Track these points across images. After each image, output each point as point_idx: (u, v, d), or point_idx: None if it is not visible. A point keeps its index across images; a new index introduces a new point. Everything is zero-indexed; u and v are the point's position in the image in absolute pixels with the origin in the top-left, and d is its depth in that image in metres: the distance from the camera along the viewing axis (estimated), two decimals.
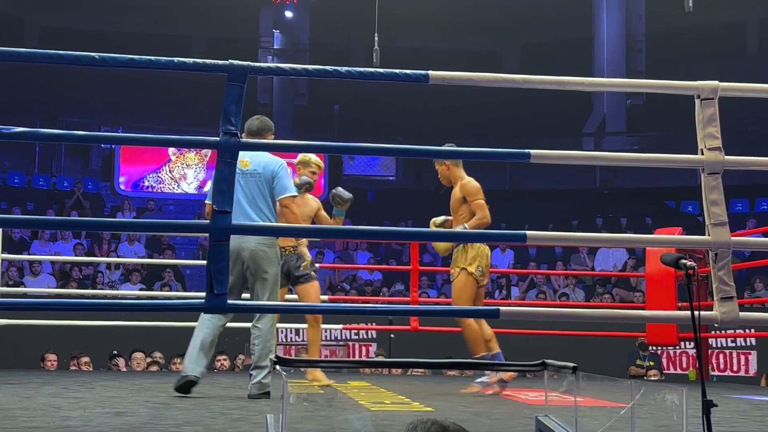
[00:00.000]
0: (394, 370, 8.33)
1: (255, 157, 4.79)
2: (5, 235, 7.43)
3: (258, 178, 4.76)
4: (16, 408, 3.92)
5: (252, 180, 4.75)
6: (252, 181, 4.75)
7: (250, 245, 4.63)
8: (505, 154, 3.41)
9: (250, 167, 4.76)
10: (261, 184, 4.76)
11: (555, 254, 13.71)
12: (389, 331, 8.82)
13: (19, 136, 3.07)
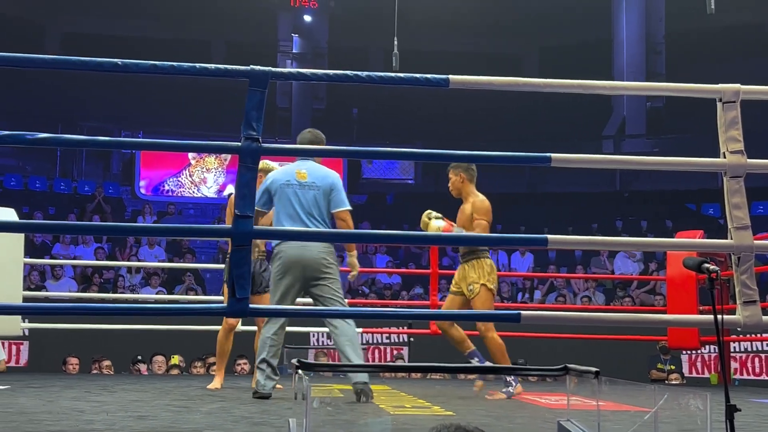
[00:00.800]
0: (414, 373, 8.32)
1: (312, 170, 4.95)
2: (27, 239, 7.48)
3: (316, 190, 4.89)
4: (40, 412, 3.95)
5: (310, 192, 4.88)
6: (310, 193, 4.87)
7: (313, 254, 4.78)
8: (526, 158, 3.41)
9: (308, 179, 4.90)
10: (319, 196, 4.88)
11: (575, 257, 13.67)
12: (409, 334, 8.83)
13: (43, 142, 3.09)
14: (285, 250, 4.80)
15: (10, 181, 15.95)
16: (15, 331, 7.30)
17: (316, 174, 4.95)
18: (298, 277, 4.81)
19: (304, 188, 4.88)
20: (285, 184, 4.91)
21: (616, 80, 17.20)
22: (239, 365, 8.16)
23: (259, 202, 4.82)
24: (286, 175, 4.96)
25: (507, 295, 12.33)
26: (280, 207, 4.89)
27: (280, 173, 5.01)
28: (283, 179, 4.94)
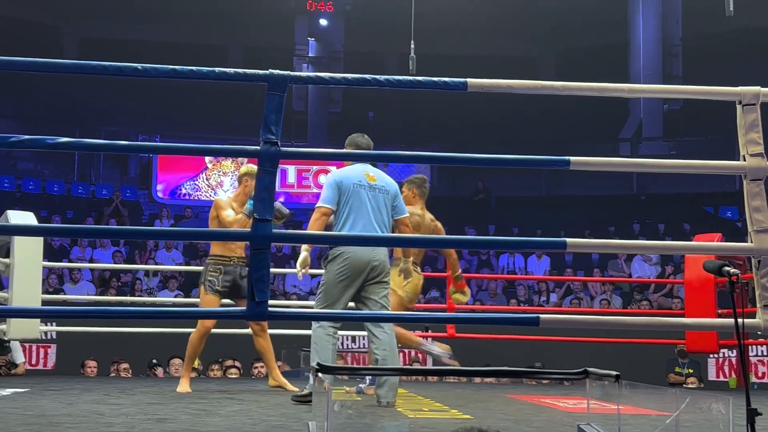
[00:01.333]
0: (430, 377, 8.31)
1: (379, 174, 4.96)
2: (45, 242, 7.53)
3: (385, 194, 4.88)
4: (60, 414, 3.98)
5: (380, 195, 4.87)
6: (380, 197, 4.86)
7: (381, 257, 4.76)
8: (545, 162, 3.40)
9: (377, 183, 4.89)
10: (387, 200, 4.88)
11: (592, 261, 13.63)
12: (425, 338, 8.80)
13: (62, 146, 3.12)
14: (353, 251, 4.68)
15: (28, 184, 16.06)
16: (33, 334, 7.34)
17: (384, 179, 4.95)
18: (360, 279, 4.71)
19: (375, 191, 4.86)
20: (357, 184, 4.83)
21: (633, 83, 17.16)
22: (256, 368, 8.17)
23: (330, 201, 4.80)
24: (356, 176, 4.88)
25: (524, 299, 12.30)
26: (349, 207, 4.80)
27: (349, 172, 4.90)
28: (354, 179, 4.85)
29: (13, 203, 13.12)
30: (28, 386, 5.68)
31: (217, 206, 5.80)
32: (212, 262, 5.74)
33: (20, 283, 6.83)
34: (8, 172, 16.57)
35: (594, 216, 15.30)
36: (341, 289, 4.71)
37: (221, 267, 5.71)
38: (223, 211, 5.71)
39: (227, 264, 5.73)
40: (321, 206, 4.82)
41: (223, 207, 5.76)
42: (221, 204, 5.80)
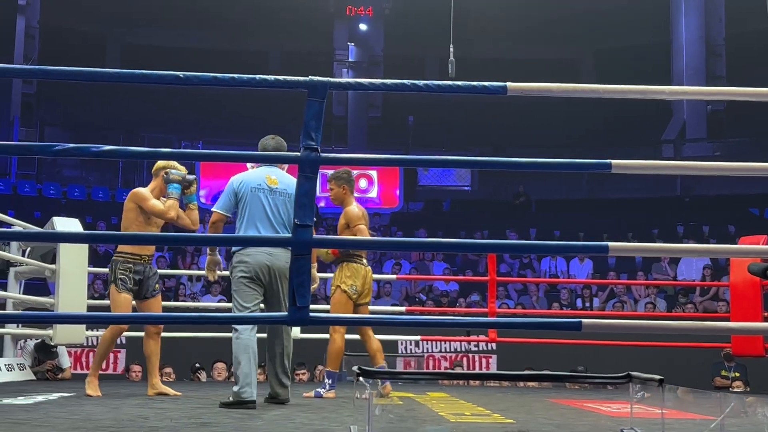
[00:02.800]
0: (472, 381, 8.29)
1: (281, 176, 5.00)
2: (90, 248, 7.64)
3: (286, 197, 4.91)
4: (105, 418, 4.02)
5: (280, 198, 4.92)
6: (280, 199, 4.91)
7: (281, 262, 4.78)
8: (586, 165, 3.38)
9: (279, 186, 4.93)
10: (289, 202, 4.89)
11: (635, 263, 13.50)
12: (459, 342, 8.83)
13: (108, 154, 3.16)
14: (252, 255, 4.78)
15: (73, 191, 16.31)
16: (79, 340, 7.46)
17: (286, 181, 4.97)
18: (264, 283, 4.81)
19: (275, 194, 4.90)
20: (256, 188, 4.89)
21: (676, 83, 17.00)
22: (297, 375, 8.21)
23: (223, 207, 4.90)
24: (256, 180, 4.93)
25: (566, 302, 12.22)
26: (248, 211, 4.85)
27: (249, 177, 4.96)
28: (253, 183, 4.91)
29: (59, 210, 13.35)
30: (74, 390, 5.76)
31: (140, 197, 5.58)
32: (121, 260, 5.59)
33: (66, 289, 6.95)
34: (54, 180, 16.85)
35: (637, 219, 15.15)
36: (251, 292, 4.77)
37: (131, 266, 5.58)
38: (150, 201, 5.55)
39: (137, 262, 5.61)
40: (214, 211, 4.96)
41: (147, 198, 5.57)
42: (144, 195, 5.59)
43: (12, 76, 14.61)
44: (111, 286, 5.59)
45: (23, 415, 4.07)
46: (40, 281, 9.46)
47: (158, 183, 5.67)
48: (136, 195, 5.61)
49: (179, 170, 5.67)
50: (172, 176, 5.61)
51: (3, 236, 6.50)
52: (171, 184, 5.60)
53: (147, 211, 5.55)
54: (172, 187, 5.59)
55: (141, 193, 5.62)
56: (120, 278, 5.54)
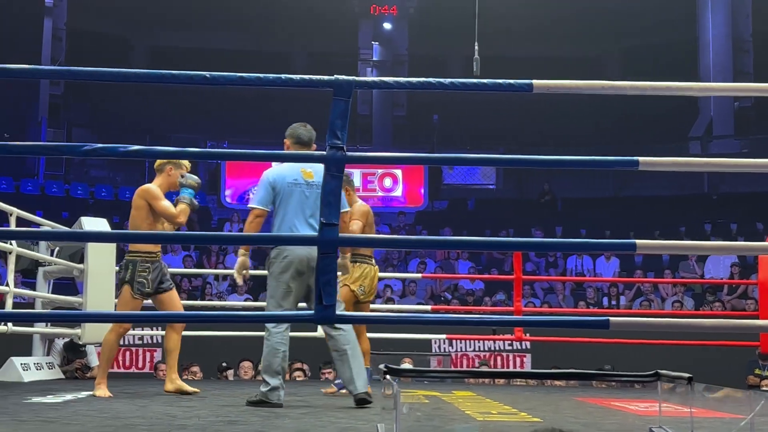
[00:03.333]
0: (498, 380, 8.27)
1: (317, 169, 4.79)
2: (118, 248, 7.69)
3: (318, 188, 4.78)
4: (134, 417, 4.06)
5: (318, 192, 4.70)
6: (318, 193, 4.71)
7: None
8: (613, 162, 3.36)
9: (314, 179, 4.80)
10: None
11: (662, 262, 13.41)
12: (493, 340, 8.80)
13: (135, 153, 3.19)
14: (292, 249, 4.66)
15: (101, 191, 16.44)
16: None
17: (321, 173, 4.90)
18: (305, 279, 4.70)
19: (312, 188, 4.78)
20: (292, 182, 4.79)
21: (703, 80, 16.86)
22: (324, 374, 8.22)
23: (262, 202, 4.76)
24: (291, 173, 4.82)
25: (592, 301, 12.16)
26: (284, 206, 4.76)
27: (284, 170, 4.84)
28: (289, 177, 4.80)
29: (87, 210, 13.47)
30: None
31: (152, 195, 5.37)
32: (140, 260, 5.37)
33: (94, 288, 7.02)
34: (82, 180, 17.00)
35: (664, 216, 15.05)
36: (286, 289, 4.71)
37: (149, 265, 5.39)
38: (162, 201, 5.37)
39: (154, 261, 5.43)
40: (254, 208, 4.81)
41: (159, 197, 5.38)
42: (156, 194, 5.39)
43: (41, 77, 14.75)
44: (125, 287, 5.37)
45: (53, 414, 4.11)
46: (68, 281, 9.55)
47: (164, 179, 5.48)
48: (147, 192, 5.40)
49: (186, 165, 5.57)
50: (189, 181, 5.47)
51: (32, 236, 6.56)
52: (186, 189, 5.45)
53: (156, 210, 5.37)
54: (186, 192, 5.44)
55: (152, 191, 5.40)
56: (138, 281, 5.35)
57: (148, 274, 5.37)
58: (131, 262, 5.38)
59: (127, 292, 5.36)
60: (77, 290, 9.69)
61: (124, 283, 5.37)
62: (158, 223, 5.42)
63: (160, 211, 5.36)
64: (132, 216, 5.43)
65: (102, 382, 5.36)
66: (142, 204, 5.36)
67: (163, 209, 5.35)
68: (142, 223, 5.37)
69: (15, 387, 5.95)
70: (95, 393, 5.27)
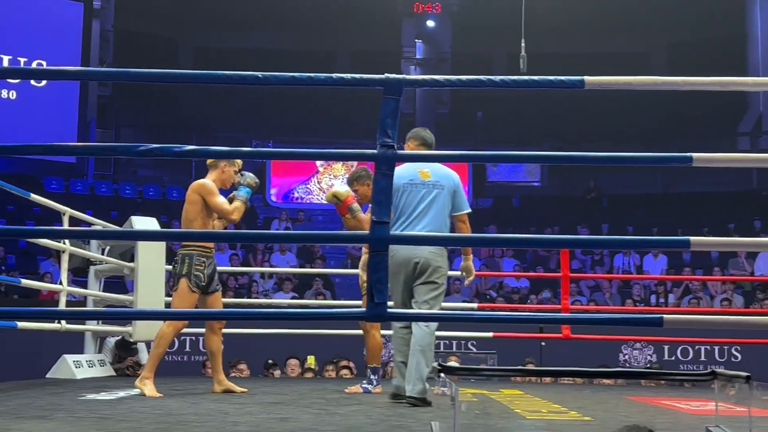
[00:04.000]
0: (545, 378, 8.22)
1: (435, 168, 4.87)
2: (168, 247, 7.78)
3: (440, 189, 4.81)
4: (187, 413, 4.11)
5: (435, 191, 4.80)
6: (435, 192, 4.80)
7: (425, 254, 4.70)
8: (666, 158, 3.32)
9: (431, 178, 4.82)
10: (444, 196, 4.81)
11: (711, 259, 13.25)
12: (540, 339, 8.72)
13: (189, 153, 3.23)
14: (396, 250, 4.63)
15: (148, 191, 16.64)
16: None
17: (439, 173, 4.85)
18: (408, 277, 4.72)
19: (428, 187, 4.79)
20: (409, 183, 4.79)
21: (751, 75, 16.60)
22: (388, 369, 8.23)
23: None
24: (408, 174, 4.82)
25: (640, 299, 12.04)
26: (401, 206, 4.76)
27: (401, 171, 4.81)
28: (406, 178, 4.80)
29: (135, 209, 13.64)
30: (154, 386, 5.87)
31: (208, 191, 5.32)
32: (196, 254, 5.31)
33: (144, 286, 7.11)
34: (130, 179, 17.22)
35: (712, 213, 14.86)
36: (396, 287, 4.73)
37: (204, 260, 5.34)
38: (217, 197, 5.32)
39: (209, 256, 5.39)
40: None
41: (215, 192, 5.32)
42: (212, 189, 5.33)
43: (95, 79, 14.96)
44: (182, 280, 5.29)
45: (108, 410, 4.18)
46: (118, 279, 9.68)
47: (218, 176, 5.44)
48: (202, 187, 5.34)
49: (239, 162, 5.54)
50: (248, 180, 5.46)
51: (85, 235, 6.66)
52: (243, 187, 5.43)
53: (210, 206, 5.33)
54: (244, 190, 5.41)
55: (208, 186, 5.35)
56: (195, 274, 5.28)
57: (204, 268, 5.32)
58: (187, 255, 5.32)
59: (184, 285, 5.29)
60: (127, 289, 9.83)
61: (181, 276, 5.30)
62: (210, 219, 5.40)
63: (215, 207, 5.33)
64: (185, 210, 5.39)
65: (149, 377, 5.26)
66: (197, 199, 5.31)
67: (218, 205, 5.31)
68: (195, 218, 5.33)
69: (68, 384, 6.06)
70: (143, 390, 5.17)
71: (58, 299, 6.61)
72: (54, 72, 2.82)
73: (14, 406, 4.27)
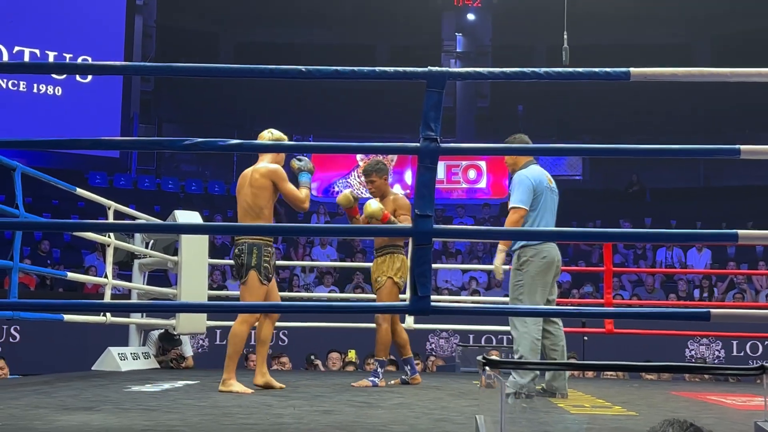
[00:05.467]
0: (588, 372, 8.17)
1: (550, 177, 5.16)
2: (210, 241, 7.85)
3: (556, 195, 5.12)
4: (231, 405, 4.14)
5: (555, 197, 5.08)
6: (556, 199, 5.08)
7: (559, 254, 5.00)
8: (714, 151, 3.28)
9: (553, 185, 5.10)
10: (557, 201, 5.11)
11: (756, 253, 13.06)
12: (582, 333, 8.66)
13: (234, 147, 3.26)
14: (549, 249, 4.89)
15: (191, 185, 16.79)
16: (201, 329, 7.69)
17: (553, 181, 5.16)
18: (554, 276, 4.96)
19: (553, 193, 5.06)
20: (546, 187, 5.01)
21: None
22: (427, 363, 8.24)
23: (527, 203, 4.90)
24: (542, 178, 5.02)
25: (683, 294, 11.91)
26: (540, 207, 4.94)
27: (537, 175, 5.01)
28: (543, 181, 5.01)
29: (177, 204, 13.78)
30: (198, 378, 5.94)
31: (282, 177, 5.13)
32: (263, 245, 5.08)
33: (187, 279, 7.18)
34: (172, 174, 17.39)
35: (757, 207, 14.63)
36: (543, 286, 4.89)
37: (270, 249, 5.14)
38: (290, 184, 5.16)
39: (271, 248, 5.18)
40: (519, 207, 4.92)
41: (287, 179, 5.15)
42: (284, 176, 5.16)
43: (141, 74, 15.13)
44: (251, 273, 5.03)
45: (153, 402, 4.22)
46: (162, 272, 9.79)
47: (274, 159, 5.21)
48: (275, 173, 5.11)
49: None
50: (306, 166, 5.33)
51: (131, 228, 6.73)
52: (303, 173, 5.31)
53: (283, 192, 5.14)
54: (306, 177, 5.31)
55: (281, 172, 5.14)
56: (264, 266, 5.05)
57: (270, 259, 5.13)
58: (255, 246, 5.07)
59: (255, 277, 5.05)
60: (170, 282, 9.94)
61: (251, 268, 5.05)
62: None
63: (288, 194, 5.15)
64: (254, 195, 5.13)
65: (230, 378, 5.04)
66: (268, 185, 5.11)
67: (291, 192, 5.15)
68: (267, 204, 5.13)
69: (114, 376, 6.14)
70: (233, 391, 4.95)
71: (103, 292, 6.70)
72: (100, 67, 2.86)
73: (61, 398, 4.33)
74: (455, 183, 17.81)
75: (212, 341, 9.38)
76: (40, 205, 13.08)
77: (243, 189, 5.20)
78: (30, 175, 5.53)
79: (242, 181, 5.25)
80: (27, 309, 5.47)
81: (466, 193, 17.77)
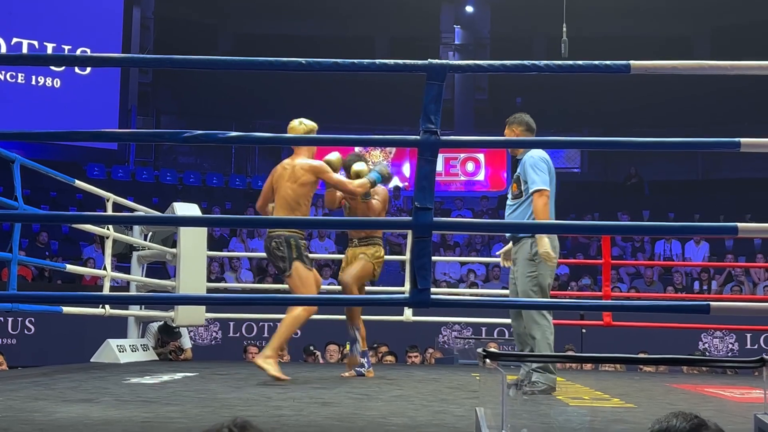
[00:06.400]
0: (585, 365, 8.18)
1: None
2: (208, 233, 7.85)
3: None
4: (230, 397, 4.15)
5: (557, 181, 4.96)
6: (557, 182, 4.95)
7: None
8: (713, 144, 3.28)
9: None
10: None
11: (754, 246, 13.07)
12: (580, 326, 8.68)
13: (234, 140, 3.25)
14: (554, 238, 4.77)
15: (189, 178, 16.78)
16: (200, 321, 7.69)
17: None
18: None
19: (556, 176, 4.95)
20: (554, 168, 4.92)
21: None
22: (410, 358, 8.25)
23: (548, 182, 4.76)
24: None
25: (681, 286, 11.93)
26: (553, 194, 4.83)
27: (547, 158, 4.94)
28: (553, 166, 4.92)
29: (176, 196, 13.77)
30: (197, 371, 5.94)
31: (326, 170, 5.20)
32: (299, 237, 5.18)
33: (186, 271, 7.17)
34: (170, 166, 17.38)
35: (755, 199, 14.65)
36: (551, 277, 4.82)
37: (304, 242, 5.22)
38: (333, 173, 5.24)
39: (303, 239, 5.24)
40: (545, 189, 4.72)
41: (330, 170, 5.23)
42: (327, 168, 5.23)
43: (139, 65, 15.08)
44: (296, 264, 5.09)
45: (152, 394, 4.23)
46: (160, 264, 9.79)
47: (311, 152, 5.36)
48: (319, 169, 5.19)
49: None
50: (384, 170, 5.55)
51: (131, 221, 6.74)
52: (376, 172, 5.46)
53: (332, 183, 5.26)
54: (375, 174, 5.44)
55: (324, 166, 5.20)
56: (305, 255, 5.13)
57: (305, 249, 5.20)
58: (292, 238, 5.13)
59: (302, 267, 5.11)
60: (169, 274, 9.94)
61: (294, 260, 5.11)
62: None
63: (337, 183, 5.28)
64: (294, 190, 5.19)
65: (273, 357, 5.04)
66: (312, 180, 5.19)
67: (339, 181, 5.28)
68: (305, 200, 5.23)
69: (112, 368, 6.14)
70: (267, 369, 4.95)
71: (102, 285, 6.70)
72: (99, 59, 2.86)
73: (60, 390, 4.34)
74: (453, 175, 17.82)
75: (225, 333, 9.39)
76: (39, 196, 13.08)
77: (283, 182, 5.25)
78: (28, 167, 5.53)
79: (281, 173, 5.30)
80: (26, 301, 5.47)
81: (464, 186, 17.77)
